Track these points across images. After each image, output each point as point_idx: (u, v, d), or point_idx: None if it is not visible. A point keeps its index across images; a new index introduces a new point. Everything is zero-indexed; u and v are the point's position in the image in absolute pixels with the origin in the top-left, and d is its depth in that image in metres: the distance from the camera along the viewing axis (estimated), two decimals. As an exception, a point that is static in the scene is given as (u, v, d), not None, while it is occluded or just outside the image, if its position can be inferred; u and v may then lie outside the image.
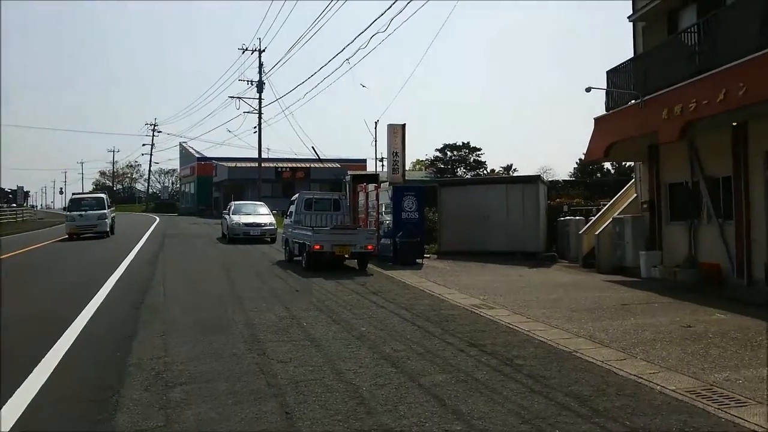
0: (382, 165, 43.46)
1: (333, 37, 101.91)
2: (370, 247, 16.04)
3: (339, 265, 16.50)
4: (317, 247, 15.44)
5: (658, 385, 5.95)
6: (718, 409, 5.25)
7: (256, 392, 5.64)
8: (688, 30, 13.28)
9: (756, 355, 7.15)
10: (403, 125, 22.33)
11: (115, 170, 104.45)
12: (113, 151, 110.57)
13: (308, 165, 55.63)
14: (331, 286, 13.04)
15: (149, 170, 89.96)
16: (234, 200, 31.86)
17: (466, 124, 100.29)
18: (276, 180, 55.21)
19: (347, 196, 22.15)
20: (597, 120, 16.44)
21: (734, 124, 12.56)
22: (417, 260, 17.93)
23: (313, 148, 41.97)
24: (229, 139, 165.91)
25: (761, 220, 12.20)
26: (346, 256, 16.17)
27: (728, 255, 13.09)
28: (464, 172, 59.16)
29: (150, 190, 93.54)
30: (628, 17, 16.86)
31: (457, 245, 20.77)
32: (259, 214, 27.52)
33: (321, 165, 51.26)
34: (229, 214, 27.20)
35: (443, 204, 21.89)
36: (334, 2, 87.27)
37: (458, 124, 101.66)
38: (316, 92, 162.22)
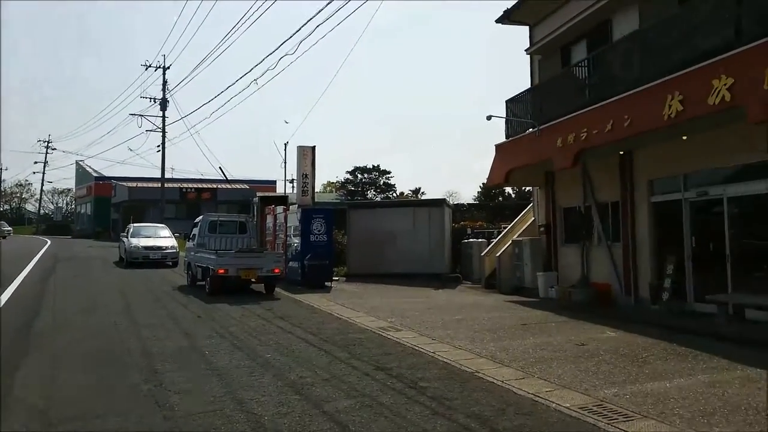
0: (292, 187, 43.07)
1: (242, 57, 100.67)
2: (277, 270, 15.78)
3: (245, 290, 16.11)
4: (222, 271, 15.00)
5: (553, 402, 6.19)
6: (608, 424, 5.53)
7: (150, 427, 5.36)
8: (579, 64, 14.20)
9: (641, 370, 7.61)
10: (313, 147, 22.29)
11: (2, 189, 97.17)
12: (0, 169, 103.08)
13: (215, 186, 54.22)
14: (236, 311, 12.69)
15: (41, 190, 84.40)
16: (134, 222, 30.44)
17: (378, 148, 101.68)
18: (180, 201, 53.32)
19: (255, 219, 21.76)
20: (498, 147, 17.14)
21: (621, 152, 13.49)
22: (326, 283, 17.83)
23: (220, 168, 41.05)
24: (130, 158, 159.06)
25: (645, 242, 13.12)
26: (253, 280, 15.82)
27: (617, 275, 13.95)
28: (374, 195, 59.78)
29: (42, 211, 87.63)
30: (526, 50, 17.82)
31: (365, 267, 20.87)
32: (160, 236, 26.43)
33: (228, 186, 50.14)
34: (127, 237, 25.93)
35: (352, 226, 21.98)
36: (241, 22, 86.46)
37: (369, 147, 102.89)
38: (224, 111, 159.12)
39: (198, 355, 8.40)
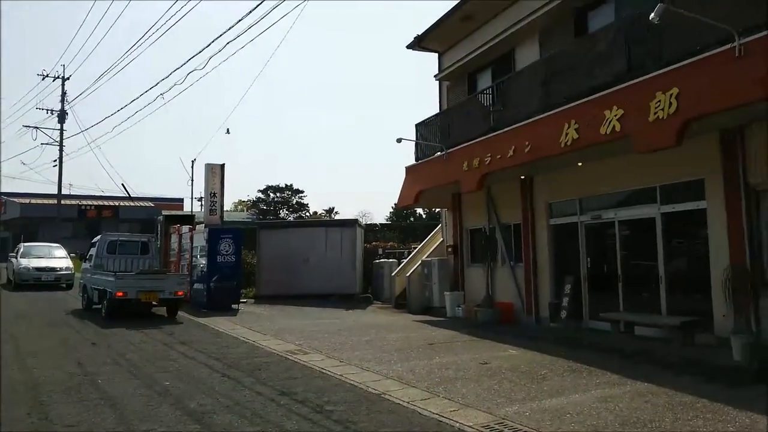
0: (201, 205, 41.85)
1: (149, 70, 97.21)
2: (180, 293, 15.19)
3: (145, 314, 15.38)
4: (120, 294, 14.25)
5: (457, 422, 6.28)
6: (507, 441, 5.67)
7: (32, 465, 4.96)
8: (484, 92, 14.76)
9: (541, 387, 7.89)
10: (222, 165, 21.81)
11: None
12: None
13: (117, 203, 51.65)
14: (135, 336, 12.07)
15: None
16: (25, 241, 28.44)
17: (291, 166, 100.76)
18: (79, 219, 50.29)
19: (158, 238, 20.89)
20: (408, 169, 17.46)
21: (522, 177, 14.09)
22: (233, 306, 17.34)
23: (122, 185, 39.21)
24: (23, 173, 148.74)
25: (545, 263, 13.72)
26: (154, 303, 15.14)
27: (519, 295, 14.48)
28: (287, 214, 59.10)
29: None
30: (435, 76, 18.34)
31: (276, 289, 20.53)
32: (53, 257, 24.81)
33: (132, 204, 47.93)
34: (16, 257, 24.17)
35: (263, 247, 21.59)
36: (147, 35, 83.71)
37: (282, 165, 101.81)
38: (128, 126, 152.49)
39: (90, 384, 7.90)
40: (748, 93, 7.67)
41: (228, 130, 52.37)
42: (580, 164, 12.22)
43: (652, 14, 8.13)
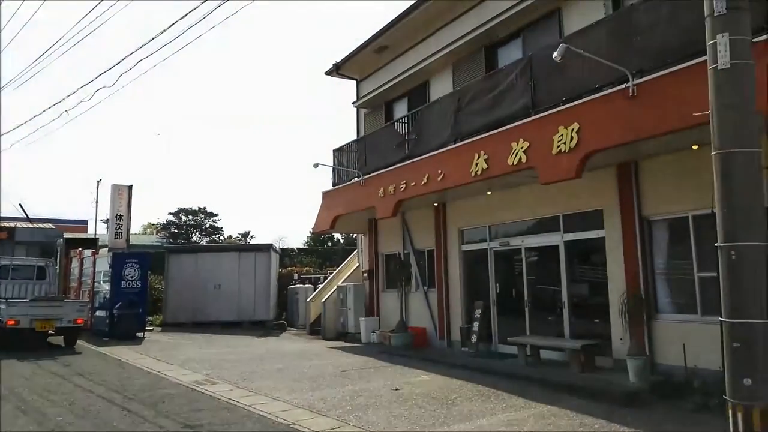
0: (107, 228, 39.84)
1: (53, 87, 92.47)
2: (80, 320, 14.37)
3: (40, 343, 14.39)
4: (12, 322, 13.30)
5: (365, 450, 6.25)
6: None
7: None
8: (400, 120, 15.07)
9: (450, 412, 7.99)
10: (130, 186, 21.00)
11: None
12: None
13: (13, 225, 48.32)
14: (26, 368, 11.26)
15: None
16: None
17: (205, 189, 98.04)
18: (-32, 241, 46.65)
19: (58, 262, 19.73)
20: (324, 194, 17.46)
21: (436, 204, 14.41)
22: (138, 334, 16.58)
23: (20, 205, 36.80)
24: None
25: (457, 288, 14.02)
26: (51, 331, 14.21)
27: (432, 320, 14.69)
28: (200, 238, 57.33)
29: None
30: (353, 103, 18.55)
31: (185, 316, 19.84)
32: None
33: (30, 225, 44.99)
34: None
35: (171, 272, 20.84)
36: (53, 49, 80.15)
37: (196, 188, 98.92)
38: (28, 143, 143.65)
39: (-29, 422, 7.28)
40: (640, 131, 8.23)
41: (158, 133, 50.12)
42: (489, 193, 12.65)
43: (555, 53, 8.62)
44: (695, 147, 8.44)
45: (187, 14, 10.29)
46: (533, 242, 12.24)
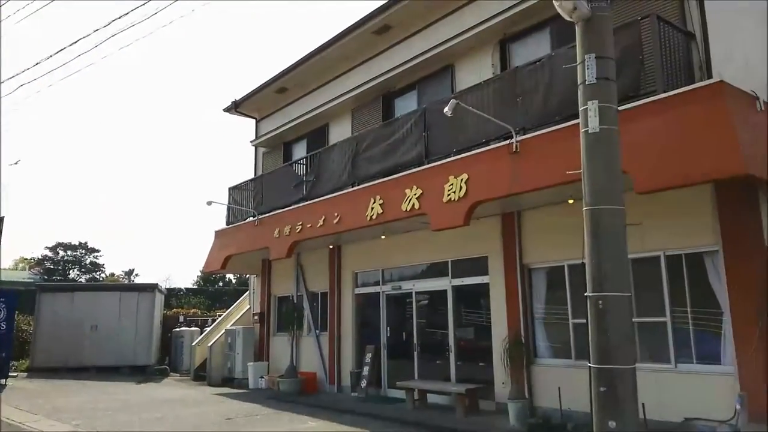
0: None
1: None
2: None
3: None
4: None
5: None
6: None
7: None
8: (299, 161, 15.11)
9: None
10: (2, 218, 19.36)
11: None
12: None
13: None
14: None
15: None
16: None
17: (88, 223, 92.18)
18: None
19: None
20: (217, 232, 17.04)
21: (331, 246, 14.47)
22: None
23: None
24: None
25: (349, 332, 14.02)
26: None
27: (323, 364, 14.55)
28: (78, 275, 53.61)
29: None
30: (251, 141, 18.42)
31: (57, 360, 18.37)
32: None
33: None
34: None
35: (43, 311, 19.29)
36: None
37: (78, 222, 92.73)
38: None
39: None
40: (521, 185, 8.79)
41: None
42: (383, 237, 12.90)
43: (446, 108, 9.09)
44: (571, 201, 9.11)
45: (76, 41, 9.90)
46: (423, 286, 12.55)
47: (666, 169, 7.26)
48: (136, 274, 55.42)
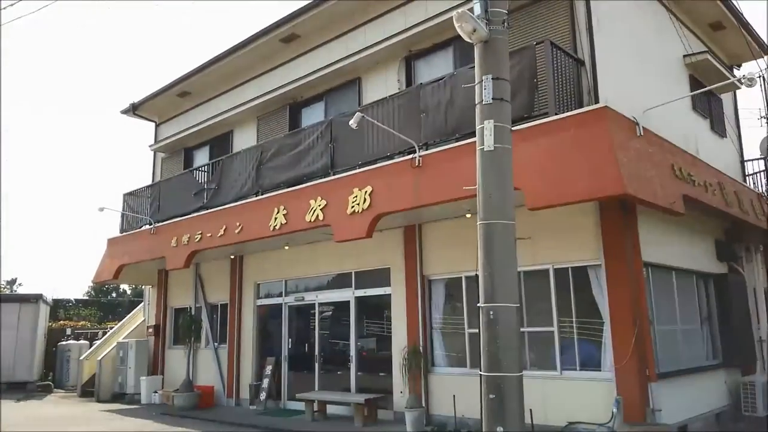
0: None
1: None
2: None
3: None
4: None
5: None
6: None
7: None
8: (200, 168, 14.71)
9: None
10: None
11: None
12: None
13: None
14: None
15: None
16: None
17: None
18: None
19: None
20: (110, 241, 16.27)
21: (232, 256, 14.16)
22: None
23: None
24: None
25: (249, 344, 13.75)
26: None
27: (221, 377, 14.17)
28: (-49, 284, 49.02)
29: None
30: (150, 146, 17.72)
31: None
32: None
33: None
34: None
35: None
36: None
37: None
38: None
39: None
40: (422, 198, 9.05)
41: None
42: (287, 247, 12.79)
43: (351, 120, 9.22)
44: (468, 215, 9.47)
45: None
46: (326, 298, 12.56)
47: (555, 187, 7.74)
48: (20, 284, 51.48)
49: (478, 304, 5.07)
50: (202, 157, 16.32)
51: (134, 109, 17.38)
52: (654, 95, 9.43)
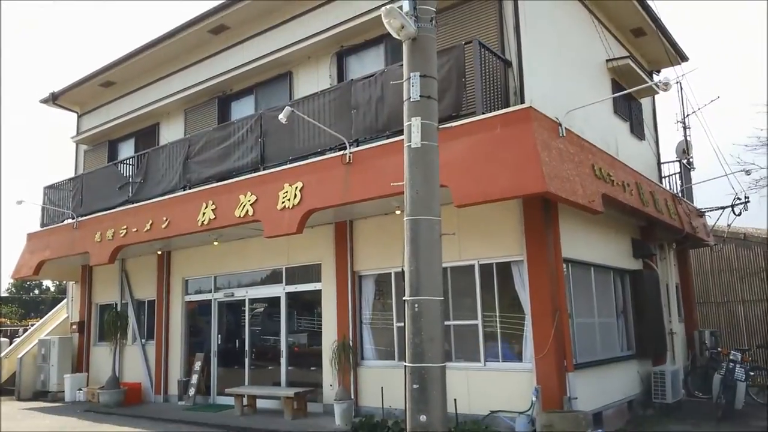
0: None
1: None
2: None
3: None
4: None
5: None
6: None
7: None
8: (125, 161, 14.24)
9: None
10: None
11: None
12: None
13: None
14: None
15: None
16: None
17: None
18: None
19: None
20: (30, 236, 15.61)
21: (159, 252, 13.83)
22: None
23: None
24: None
25: (178, 340, 13.48)
26: None
27: (149, 374, 13.85)
28: None
29: None
30: (71, 138, 17.03)
31: None
32: None
33: None
34: None
35: None
36: None
37: None
38: None
39: None
40: (352, 195, 9.12)
41: None
42: (216, 243, 12.59)
43: (281, 115, 9.17)
44: (398, 212, 9.62)
45: None
46: (257, 293, 12.47)
47: (480, 185, 7.97)
48: (-71, 281, 48.45)
49: (404, 298, 5.16)
50: (127, 150, 15.81)
51: (54, 99, 16.63)
52: (578, 97, 9.77)
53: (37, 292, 47.25)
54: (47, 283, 45.27)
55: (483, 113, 8.45)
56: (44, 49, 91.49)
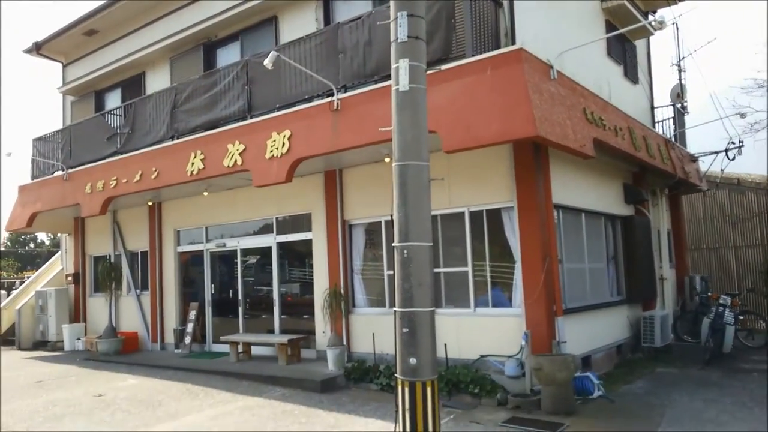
0: None
1: None
2: None
3: None
4: None
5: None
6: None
7: None
8: (112, 112, 14.02)
9: (155, 414, 7.81)
10: None
11: None
12: None
13: None
14: None
15: None
16: None
17: None
18: None
19: None
20: (21, 188, 15.51)
21: (150, 203, 13.77)
22: None
23: None
24: None
25: (172, 290, 13.57)
26: None
27: (145, 323, 14.02)
28: None
29: None
30: (58, 88, 16.73)
31: None
32: None
33: None
34: None
35: None
36: None
37: None
38: None
39: None
40: (341, 142, 8.99)
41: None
42: (206, 193, 12.52)
43: (266, 60, 8.95)
44: (387, 160, 9.52)
45: None
46: (249, 244, 12.48)
47: (469, 130, 7.83)
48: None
49: (393, 244, 5.14)
50: (114, 100, 15.55)
51: (38, 49, 16.25)
52: (570, 39, 9.53)
53: (32, 245, 47.43)
54: (42, 236, 45.48)
55: (473, 55, 8.25)
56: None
